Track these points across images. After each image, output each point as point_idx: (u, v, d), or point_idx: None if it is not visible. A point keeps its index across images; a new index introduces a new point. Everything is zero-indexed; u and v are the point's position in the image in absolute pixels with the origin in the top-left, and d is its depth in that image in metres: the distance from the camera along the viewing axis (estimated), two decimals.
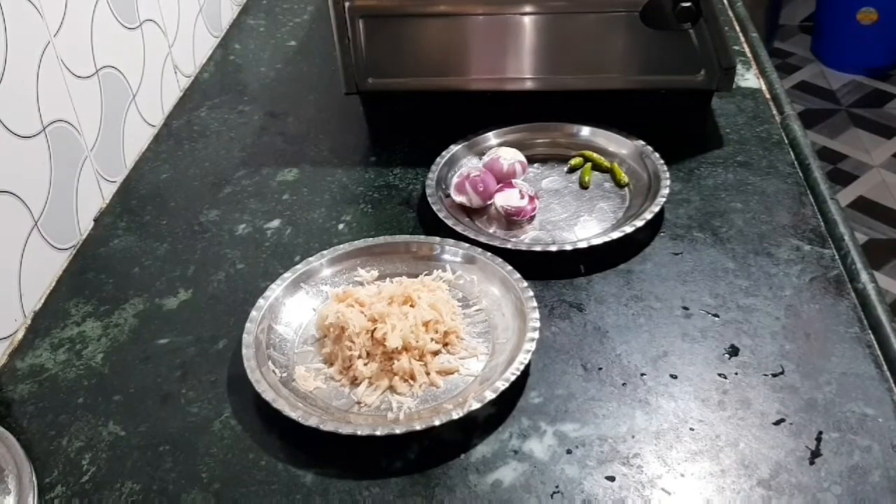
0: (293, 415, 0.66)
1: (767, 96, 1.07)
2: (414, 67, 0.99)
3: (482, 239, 0.83)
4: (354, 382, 0.71)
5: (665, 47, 0.95)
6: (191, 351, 0.77)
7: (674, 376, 0.71)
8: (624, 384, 0.70)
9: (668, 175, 0.89)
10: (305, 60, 1.24)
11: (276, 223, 0.91)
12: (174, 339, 0.78)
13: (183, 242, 0.90)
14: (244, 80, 1.21)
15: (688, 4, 0.91)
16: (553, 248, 0.82)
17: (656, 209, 0.85)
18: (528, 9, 0.94)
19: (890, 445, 0.64)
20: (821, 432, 0.65)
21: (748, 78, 1.11)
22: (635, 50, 0.96)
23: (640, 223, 0.83)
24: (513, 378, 0.68)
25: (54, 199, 0.85)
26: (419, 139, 1.03)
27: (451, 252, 0.81)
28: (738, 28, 1.23)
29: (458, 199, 0.88)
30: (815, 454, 0.64)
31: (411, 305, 0.74)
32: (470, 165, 0.93)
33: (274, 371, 0.71)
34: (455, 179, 0.90)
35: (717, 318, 0.76)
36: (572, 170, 0.95)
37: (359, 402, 0.70)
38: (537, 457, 0.65)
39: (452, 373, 0.72)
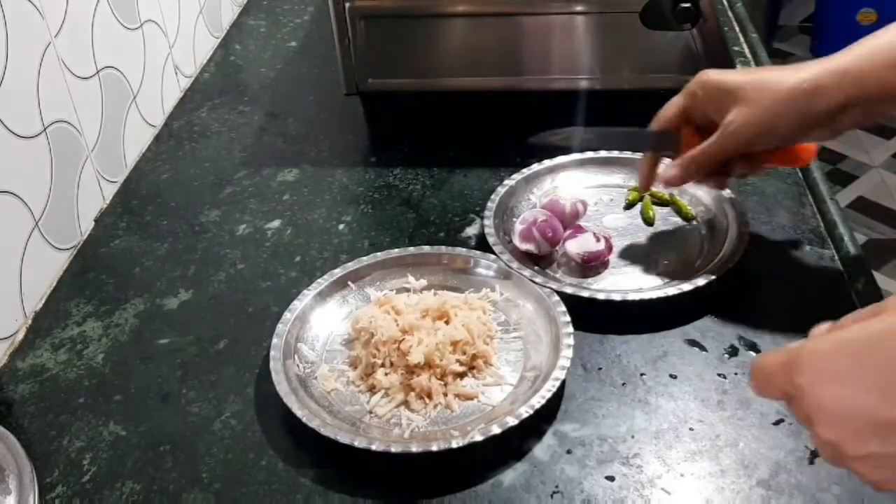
0: (298, 413, 0.66)
1: None
2: (414, 68, 0.99)
3: (584, 293, 0.76)
4: (372, 390, 0.70)
5: (665, 47, 0.95)
6: (191, 351, 0.77)
7: (673, 376, 0.71)
8: (624, 384, 0.71)
9: (741, 203, 0.84)
10: (306, 61, 1.24)
11: (276, 223, 0.92)
12: (175, 339, 0.78)
13: (183, 243, 0.90)
14: (245, 81, 1.21)
15: (687, 5, 0.91)
16: (672, 291, 0.75)
17: (745, 229, 0.80)
18: (527, 10, 0.95)
19: None
20: None
21: None
22: (635, 50, 0.96)
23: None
24: (525, 415, 0.64)
25: (55, 199, 0.85)
26: (419, 139, 1.03)
27: (485, 267, 0.79)
28: (737, 28, 1.23)
29: (524, 246, 0.81)
30: (815, 454, 0.64)
31: (446, 322, 0.73)
32: (531, 210, 0.85)
33: (298, 365, 0.71)
34: (519, 226, 0.82)
35: (716, 319, 0.76)
36: (630, 205, 0.89)
37: (370, 412, 0.69)
38: (537, 457, 0.65)
39: (472, 398, 0.69)
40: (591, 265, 0.81)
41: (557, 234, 0.81)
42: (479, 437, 0.63)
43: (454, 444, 0.63)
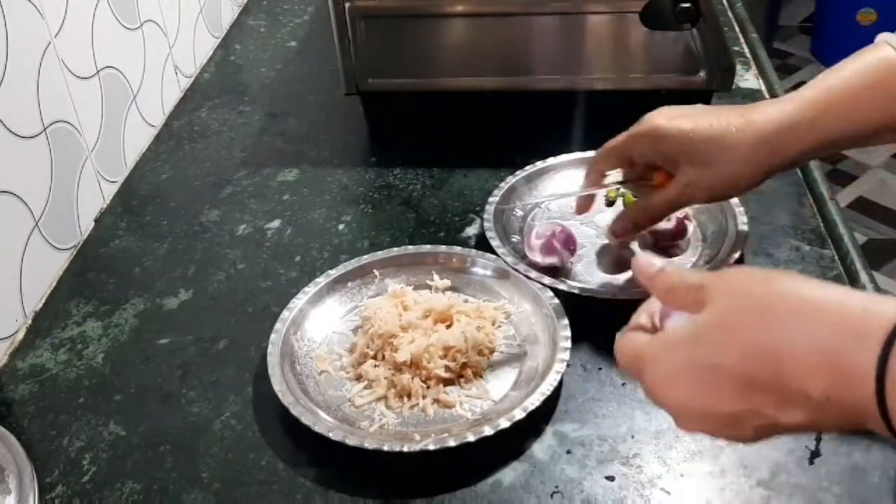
0: (276, 387, 0.67)
1: (767, 97, 1.07)
2: (414, 68, 0.99)
3: None
4: (359, 379, 0.71)
5: (665, 47, 0.95)
6: (191, 351, 0.77)
7: None
8: (624, 384, 0.70)
9: (741, 203, 0.83)
10: (306, 61, 1.24)
11: (276, 223, 0.92)
12: (174, 339, 0.78)
13: (183, 243, 0.90)
14: (245, 81, 1.21)
15: (687, 5, 0.91)
16: None
17: (744, 228, 0.81)
18: (527, 10, 0.95)
19: (890, 445, 0.64)
20: (820, 432, 0.65)
21: (748, 79, 1.11)
22: (635, 50, 0.96)
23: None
24: (486, 434, 0.63)
25: (55, 199, 0.85)
26: (419, 139, 1.03)
27: (481, 266, 0.80)
28: (737, 28, 1.23)
29: (548, 261, 0.79)
30: (815, 454, 0.64)
31: (448, 326, 0.73)
32: (543, 223, 0.83)
33: (297, 340, 0.73)
34: (536, 241, 0.79)
35: None
36: (610, 203, 0.87)
37: (349, 400, 0.69)
38: (537, 457, 0.65)
39: (450, 407, 0.69)
40: (665, 245, 0.83)
41: (576, 243, 0.81)
42: (432, 447, 0.63)
43: (405, 449, 0.63)
